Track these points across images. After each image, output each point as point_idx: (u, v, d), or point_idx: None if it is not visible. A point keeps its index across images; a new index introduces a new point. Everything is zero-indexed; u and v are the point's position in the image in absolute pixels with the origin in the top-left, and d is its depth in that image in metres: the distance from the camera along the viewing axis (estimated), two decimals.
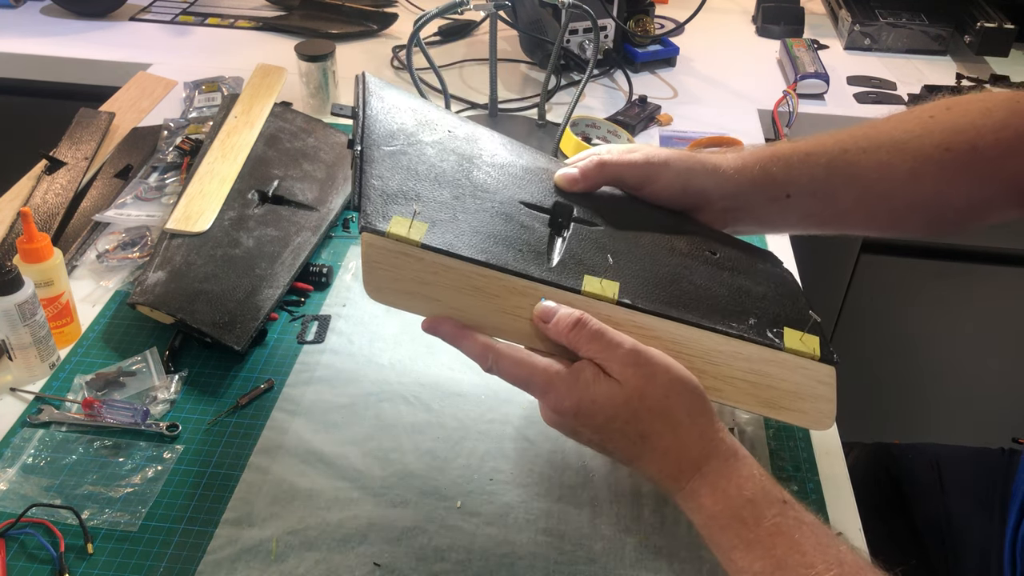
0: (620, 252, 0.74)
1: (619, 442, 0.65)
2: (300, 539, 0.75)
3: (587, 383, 0.64)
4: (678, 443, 0.64)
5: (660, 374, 0.64)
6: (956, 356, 1.65)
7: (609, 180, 0.78)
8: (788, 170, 0.79)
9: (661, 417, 0.64)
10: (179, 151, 1.19)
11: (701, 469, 0.64)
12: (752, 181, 0.78)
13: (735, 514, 0.61)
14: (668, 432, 0.64)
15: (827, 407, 0.71)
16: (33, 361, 0.89)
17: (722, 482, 0.63)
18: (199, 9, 1.71)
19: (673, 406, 0.64)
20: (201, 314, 0.92)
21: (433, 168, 0.73)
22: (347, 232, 1.12)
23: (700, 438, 0.64)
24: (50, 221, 1.10)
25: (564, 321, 0.66)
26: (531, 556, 0.75)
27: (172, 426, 0.85)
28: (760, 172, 0.79)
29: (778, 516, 0.60)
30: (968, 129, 0.78)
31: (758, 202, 0.79)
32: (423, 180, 0.72)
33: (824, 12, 1.76)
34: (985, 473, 1.03)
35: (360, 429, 0.86)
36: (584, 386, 0.64)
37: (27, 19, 1.62)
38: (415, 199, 0.70)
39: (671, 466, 0.64)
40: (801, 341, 0.72)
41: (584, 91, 1.30)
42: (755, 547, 0.60)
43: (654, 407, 0.64)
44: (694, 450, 0.64)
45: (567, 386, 0.65)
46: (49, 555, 0.73)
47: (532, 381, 0.66)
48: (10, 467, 0.81)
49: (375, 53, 1.57)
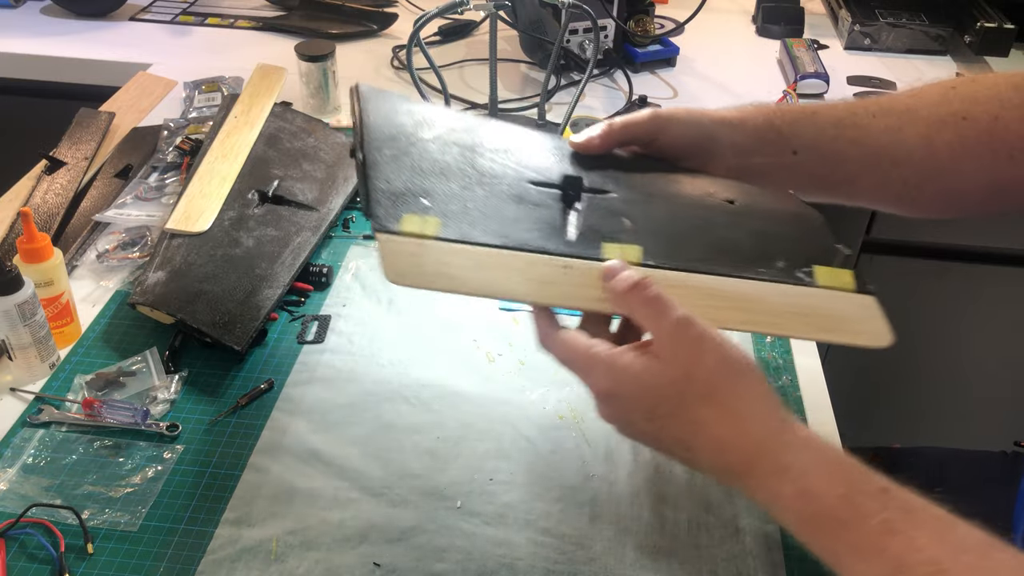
0: (637, 216, 0.72)
1: (673, 430, 0.58)
2: (300, 539, 0.75)
3: (628, 363, 0.59)
4: (736, 433, 0.56)
5: (709, 352, 0.58)
6: (956, 358, 1.65)
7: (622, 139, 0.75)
8: (793, 125, 0.75)
9: (713, 402, 0.57)
10: (179, 151, 1.19)
11: (774, 464, 0.56)
12: (757, 132, 0.75)
13: (831, 515, 0.54)
14: (723, 420, 0.57)
15: (880, 325, 0.69)
16: (33, 361, 0.89)
17: (804, 480, 0.55)
18: (199, 9, 1.71)
19: (726, 390, 0.57)
20: (201, 314, 0.92)
21: (437, 163, 0.73)
22: (347, 232, 1.12)
23: (763, 427, 0.56)
24: (50, 221, 1.10)
25: (624, 281, 0.61)
26: (531, 556, 0.75)
27: (172, 426, 0.85)
28: (764, 123, 0.75)
29: (883, 511, 0.52)
30: (991, 100, 0.73)
31: (765, 158, 0.76)
32: (429, 176, 0.72)
33: (824, 12, 1.76)
34: (989, 477, 1.02)
35: (360, 429, 0.86)
36: (624, 366, 0.59)
37: (27, 19, 1.62)
38: (424, 195, 0.70)
39: (734, 460, 0.57)
40: (833, 276, 0.70)
41: (584, 91, 1.30)
42: (865, 551, 0.52)
43: (703, 391, 0.57)
44: (758, 441, 0.56)
45: (606, 366, 0.59)
46: (49, 555, 0.73)
47: (574, 361, 0.62)
48: (10, 467, 0.81)
49: (375, 53, 1.57)
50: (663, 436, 0.60)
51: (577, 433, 0.86)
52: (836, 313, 0.69)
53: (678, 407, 0.57)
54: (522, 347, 0.96)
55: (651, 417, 0.59)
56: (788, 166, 0.76)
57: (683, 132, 0.75)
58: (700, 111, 0.77)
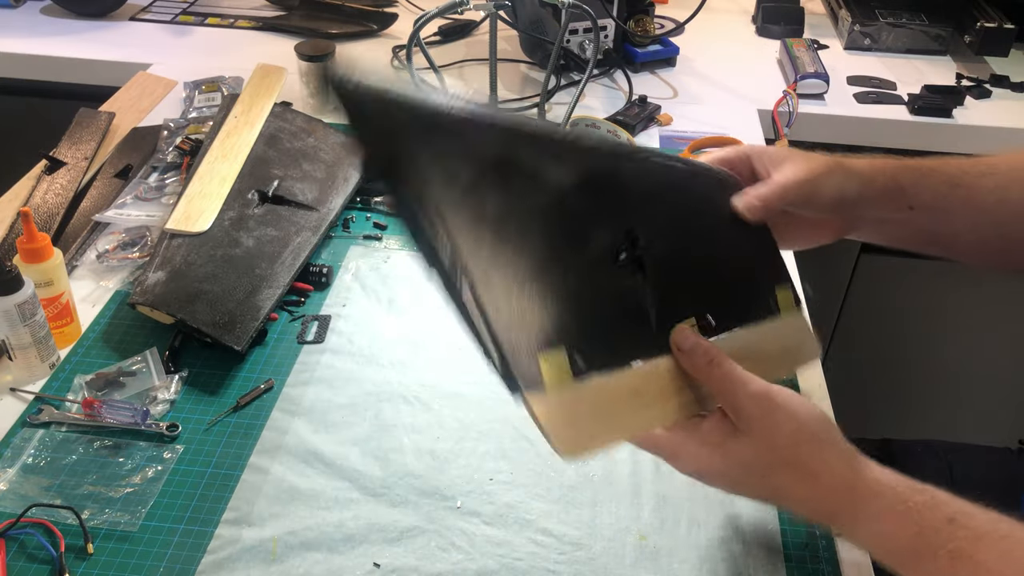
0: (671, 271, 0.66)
1: (756, 492, 0.64)
2: (300, 539, 0.75)
3: (714, 446, 0.62)
4: (815, 494, 0.61)
5: (786, 422, 0.61)
6: (956, 357, 1.65)
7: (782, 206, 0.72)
8: (915, 185, 0.76)
9: (793, 469, 0.61)
10: (179, 151, 1.19)
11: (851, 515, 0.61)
12: (884, 189, 0.75)
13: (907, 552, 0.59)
14: (801, 483, 0.61)
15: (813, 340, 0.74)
16: (33, 361, 0.89)
17: (878, 524, 0.60)
18: (199, 9, 1.71)
19: (805, 456, 0.61)
20: (201, 314, 0.92)
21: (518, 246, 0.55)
22: (347, 232, 1.12)
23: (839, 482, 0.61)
24: (50, 221, 1.10)
25: (701, 357, 0.63)
26: (531, 556, 0.75)
27: (172, 426, 0.85)
28: (891, 181, 0.76)
29: (950, 541, 0.57)
30: None
31: (883, 212, 0.77)
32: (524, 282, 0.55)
33: (824, 12, 1.76)
34: (997, 472, 1.02)
35: (360, 429, 0.86)
36: (711, 449, 0.63)
37: (27, 19, 1.62)
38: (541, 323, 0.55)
39: (814, 513, 0.63)
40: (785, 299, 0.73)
41: (584, 91, 1.30)
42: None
43: (786, 458, 0.61)
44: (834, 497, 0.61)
45: (692, 451, 0.64)
46: (49, 555, 0.73)
47: (660, 450, 0.66)
48: (10, 467, 0.81)
49: (375, 53, 1.57)
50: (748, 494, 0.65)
51: None
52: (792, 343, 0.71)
53: (762, 477, 0.62)
54: None
55: (735, 485, 0.64)
56: (901, 221, 0.78)
57: (828, 197, 0.72)
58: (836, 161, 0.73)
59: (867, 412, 1.65)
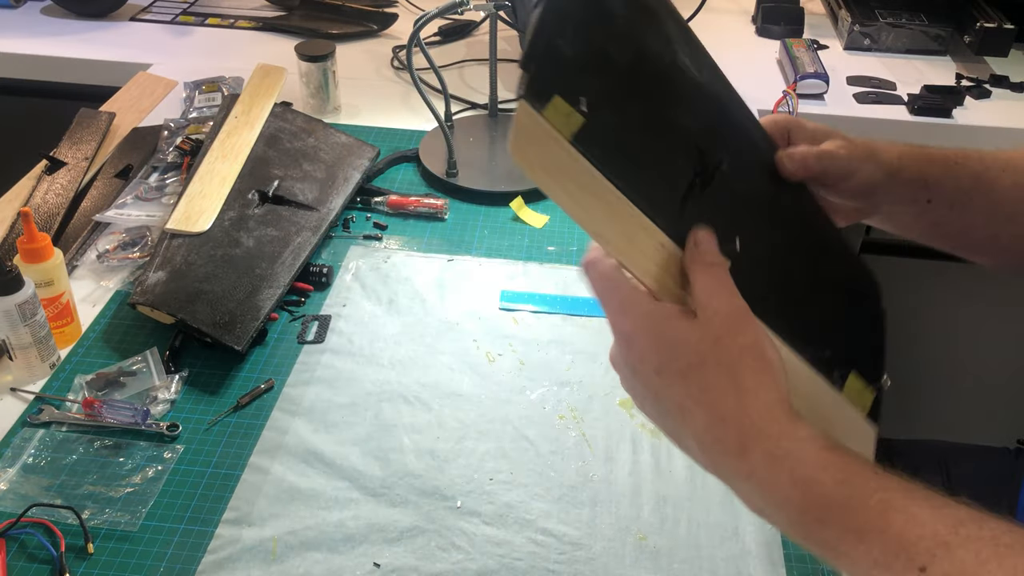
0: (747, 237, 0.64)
1: (677, 391, 0.56)
2: (300, 539, 0.75)
3: (667, 314, 0.56)
4: (740, 409, 0.54)
5: (748, 333, 0.56)
6: (956, 357, 1.65)
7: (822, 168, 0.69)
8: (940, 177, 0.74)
9: (728, 373, 0.55)
10: (179, 151, 1.19)
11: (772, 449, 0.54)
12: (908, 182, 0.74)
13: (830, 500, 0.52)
14: (731, 393, 0.55)
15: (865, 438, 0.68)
16: (33, 361, 0.89)
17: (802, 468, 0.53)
18: (199, 9, 1.71)
19: (745, 367, 0.55)
20: (201, 314, 0.92)
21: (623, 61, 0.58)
22: (347, 232, 1.12)
23: (768, 411, 0.55)
24: (50, 221, 1.10)
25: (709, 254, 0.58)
26: (531, 556, 0.75)
27: (172, 426, 0.85)
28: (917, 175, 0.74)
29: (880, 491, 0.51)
30: None
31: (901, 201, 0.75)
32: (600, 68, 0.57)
33: (824, 12, 1.76)
34: (993, 472, 1.03)
35: (360, 429, 0.86)
36: (662, 316, 0.56)
37: (27, 19, 1.62)
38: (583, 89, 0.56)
39: (734, 440, 0.54)
40: (859, 392, 0.67)
41: None
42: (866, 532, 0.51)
43: (724, 359, 0.55)
44: (759, 423, 0.54)
45: (643, 311, 0.57)
46: (49, 555, 0.73)
47: (610, 292, 0.58)
48: (10, 467, 0.81)
49: (375, 53, 1.57)
50: (665, 395, 0.57)
51: (577, 433, 0.86)
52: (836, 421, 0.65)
53: (692, 368, 0.55)
54: (522, 347, 0.96)
55: (661, 371, 0.56)
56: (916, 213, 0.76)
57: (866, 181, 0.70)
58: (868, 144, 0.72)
59: None
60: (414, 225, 1.14)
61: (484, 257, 1.09)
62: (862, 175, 0.69)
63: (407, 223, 1.14)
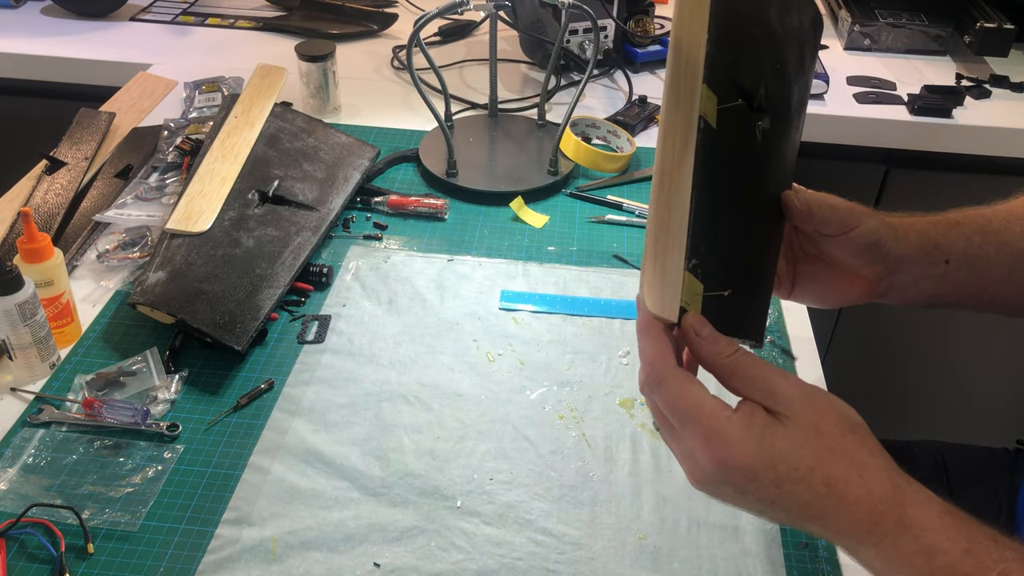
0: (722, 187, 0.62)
1: (801, 495, 0.54)
2: (300, 539, 0.75)
3: (764, 426, 0.54)
4: (868, 490, 0.54)
5: (829, 408, 0.56)
6: (954, 357, 1.65)
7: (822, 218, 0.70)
8: (946, 234, 0.75)
9: (844, 459, 0.54)
10: (179, 151, 1.19)
11: (898, 522, 0.54)
12: (918, 245, 0.74)
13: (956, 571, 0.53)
14: (855, 477, 0.54)
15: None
16: (33, 361, 0.89)
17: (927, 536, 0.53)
18: (199, 9, 1.71)
19: (852, 445, 0.55)
20: (201, 314, 0.92)
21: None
22: (347, 232, 1.12)
23: (889, 482, 0.55)
24: (50, 221, 1.10)
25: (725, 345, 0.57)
26: (531, 556, 0.75)
27: (172, 426, 0.85)
28: (923, 236, 0.74)
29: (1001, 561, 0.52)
30: None
31: (920, 267, 0.74)
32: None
33: (824, 12, 1.76)
34: (990, 473, 1.02)
35: (360, 429, 0.86)
36: (761, 430, 0.54)
37: (27, 19, 1.62)
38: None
39: (865, 519, 0.54)
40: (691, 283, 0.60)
41: (584, 91, 1.30)
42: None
43: (836, 447, 0.54)
44: (887, 497, 0.54)
45: (741, 431, 0.53)
46: (49, 555, 0.73)
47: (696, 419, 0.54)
48: (10, 467, 0.81)
49: (375, 53, 1.57)
50: (783, 502, 0.55)
51: (577, 433, 0.86)
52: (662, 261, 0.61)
53: (813, 469, 0.54)
54: (522, 347, 0.96)
55: (779, 483, 0.54)
56: (938, 276, 0.75)
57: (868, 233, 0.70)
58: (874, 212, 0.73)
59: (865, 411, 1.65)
60: (414, 225, 1.14)
61: (484, 257, 1.09)
62: (866, 227, 0.70)
63: (407, 223, 1.15)
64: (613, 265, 1.08)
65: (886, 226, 0.71)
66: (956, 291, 0.77)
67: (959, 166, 1.42)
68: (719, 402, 0.55)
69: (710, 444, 0.54)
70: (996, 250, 0.76)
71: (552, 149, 1.21)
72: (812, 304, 0.77)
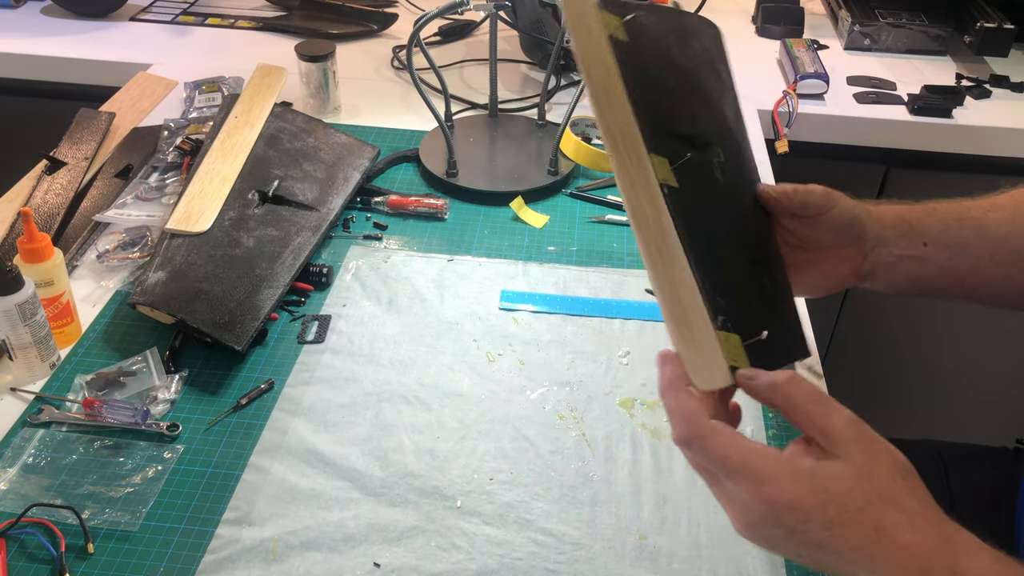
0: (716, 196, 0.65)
1: (851, 538, 0.54)
2: (300, 539, 0.75)
3: (815, 466, 0.54)
4: (918, 537, 0.53)
5: (883, 453, 0.56)
6: (953, 357, 1.65)
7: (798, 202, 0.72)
8: (921, 220, 0.77)
9: (894, 504, 0.54)
10: (179, 151, 1.19)
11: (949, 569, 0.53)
12: (893, 225, 0.76)
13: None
14: (905, 523, 0.53)
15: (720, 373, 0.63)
16: (33, 361, 0.89)
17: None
18: (199, 9, 1.71)
19: (902, 491, 0.54)
20: (201, 314, 0.92)
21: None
22: (347, 232, 1.12)
23: (938, 530, 0.54)
24: (50, 221, 1.10)
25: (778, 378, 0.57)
26: (531, 556, 0.75)
27: (172, 426, 0.85)
28: (897, 218, 0.76)
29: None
30: None
31: (901, 250, 0.76)
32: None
33: (824, 12, 1.76)
34: (991, 472, 1.02)
35: (360, 429, 0.86)
36: (812, 470, 0.54)
37: (27, 19, 1.62)
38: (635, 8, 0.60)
39: (914, 566, 0.53)
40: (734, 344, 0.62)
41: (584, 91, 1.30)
42: None
43: (885, 492, 0.54)
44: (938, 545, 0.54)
45: (792, 472, 0.54)
46: (49, 555, 0.73)
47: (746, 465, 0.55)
48: (10, 467, 0.81)
49: (375, 53, 1.57)
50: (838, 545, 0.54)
51: (577, 433, 0.86)
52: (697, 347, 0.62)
53: (863, 511, 0.54)
54: (522, 347, 0.96)
55: (830, 525, 0.54)
56: (919, 258, 0.77)
57: (846, 211, 0.74)
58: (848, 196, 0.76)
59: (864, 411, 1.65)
60: (414, 225, 1.14)
61: (484, 257, 1.09)
62: (843, 206, 0.73)
63: (407, 223, 1.15)
64: (613, 265, 1.08)
65: (862, 207, 0.75)
66: (940, 276, 0.78)
67: (959, 166, 1.42)
68: (765, 446, 0.56)
69: (764, 486, 0.54)
70: (975, 235, 0.77)
71: (552, 149, 1.21)
72: (804, 294, 0.79)
